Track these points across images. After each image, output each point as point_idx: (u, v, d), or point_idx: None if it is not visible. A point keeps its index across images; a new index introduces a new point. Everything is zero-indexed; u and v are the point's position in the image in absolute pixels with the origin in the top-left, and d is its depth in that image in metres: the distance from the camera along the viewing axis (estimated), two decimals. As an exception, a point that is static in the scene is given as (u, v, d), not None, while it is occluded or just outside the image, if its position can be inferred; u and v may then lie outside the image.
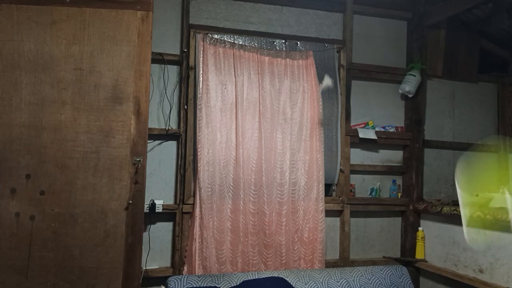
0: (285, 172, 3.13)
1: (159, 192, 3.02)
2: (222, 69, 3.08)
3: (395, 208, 3.51)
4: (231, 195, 3.01)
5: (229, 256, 2.98)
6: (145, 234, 2.89)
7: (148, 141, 2.68)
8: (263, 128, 3.11)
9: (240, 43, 3.17)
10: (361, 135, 3.40)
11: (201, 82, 3.02)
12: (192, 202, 2.99)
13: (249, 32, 3.22)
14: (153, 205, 2.90)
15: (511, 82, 3.86)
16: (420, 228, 3.36)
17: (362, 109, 3.52)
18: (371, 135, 3.42)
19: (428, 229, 3.33)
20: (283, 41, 3.28)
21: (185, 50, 3.07)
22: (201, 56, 3.05)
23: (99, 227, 2.34)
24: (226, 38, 3.15)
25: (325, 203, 3.22)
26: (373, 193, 3.48)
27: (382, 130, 3.50)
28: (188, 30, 3.09)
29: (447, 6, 3.34)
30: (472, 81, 3.81)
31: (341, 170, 3.38)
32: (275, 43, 3.27)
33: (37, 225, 2.28)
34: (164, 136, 3.05)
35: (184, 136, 3.04)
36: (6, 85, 2.30)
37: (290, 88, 3.21)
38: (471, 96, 3.82)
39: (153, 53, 2.81)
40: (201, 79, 3.02)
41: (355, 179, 3.47)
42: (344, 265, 3.27)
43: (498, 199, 2.97)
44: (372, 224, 3.50)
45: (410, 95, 3.50)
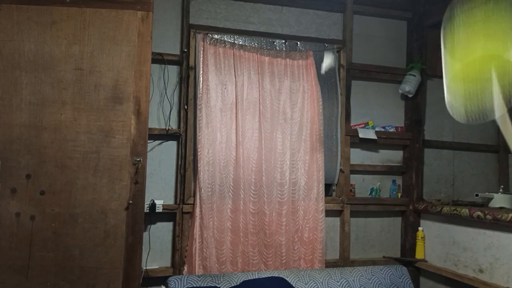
0: (285, 172, 3.14)
1: (159, 192, 3.02)
2: (222, 69, 3.08)
3: (395, 208, 3.51)
4: (231, 195, 3.01)
5: (229, 256, 2.98)
6: (145, 234, 2.89)
7: (148, 141, 2.69)
8: (263, 128, 3.11)
9: (240, 43, 3.17)
10: (361, 135, 3.40)
11: (201, 82, 3.02)
12: (192, 202, 2.99)
13: (249, 32, 3.22)
14: (153, 205, 2.91)
15: (511, 82, 3.86)
16: (420, 228, 3.36)
17: (362, 109, 3.52)
18: (371, 135, 3.42)
19: (428, 229, 3.33)
20: (283, 41, 3.28)
21: (185, 50, 3.07)
22: (201, 56, 3.05)
23: (99, 227, 2.34)
24: (226, 38, 3.15)
25: (325, 203, 3.22)
26: (373, 193, 3.48)
27: (382, 130, 3.50)
28: (188, 30, 3.09)
29: (447, 6, 3.34)
30: (472, 81, 3.81)
31: (341, 170, 3.38)
32: (275, 43, 3.27)
33: (37, 225, 2.28)
34: (164, 136, 3.05)
35: (184, 136, 3.04)
36: (6, 85, 2.30)
37: (290, 88, 3.21)
38: (471, 96, 3.82)
39: (153, 53, 2.82)
40: (201, 79, 3.02)
41: (355, 179, 3.47)
42: (344, 265, 3.27)
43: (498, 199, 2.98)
44: (372, 224, 3.50)
45: (410, 95, 3.50)
